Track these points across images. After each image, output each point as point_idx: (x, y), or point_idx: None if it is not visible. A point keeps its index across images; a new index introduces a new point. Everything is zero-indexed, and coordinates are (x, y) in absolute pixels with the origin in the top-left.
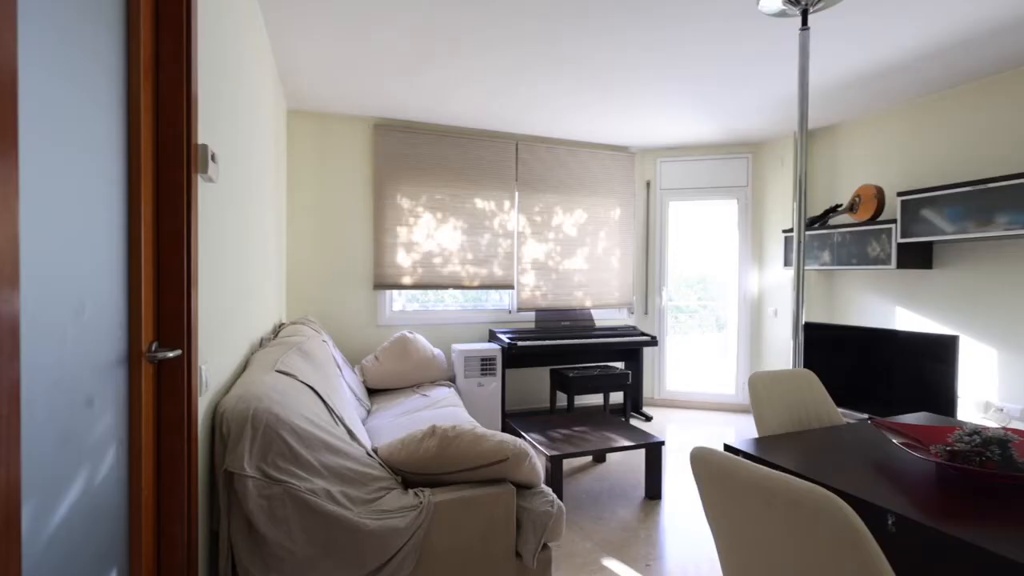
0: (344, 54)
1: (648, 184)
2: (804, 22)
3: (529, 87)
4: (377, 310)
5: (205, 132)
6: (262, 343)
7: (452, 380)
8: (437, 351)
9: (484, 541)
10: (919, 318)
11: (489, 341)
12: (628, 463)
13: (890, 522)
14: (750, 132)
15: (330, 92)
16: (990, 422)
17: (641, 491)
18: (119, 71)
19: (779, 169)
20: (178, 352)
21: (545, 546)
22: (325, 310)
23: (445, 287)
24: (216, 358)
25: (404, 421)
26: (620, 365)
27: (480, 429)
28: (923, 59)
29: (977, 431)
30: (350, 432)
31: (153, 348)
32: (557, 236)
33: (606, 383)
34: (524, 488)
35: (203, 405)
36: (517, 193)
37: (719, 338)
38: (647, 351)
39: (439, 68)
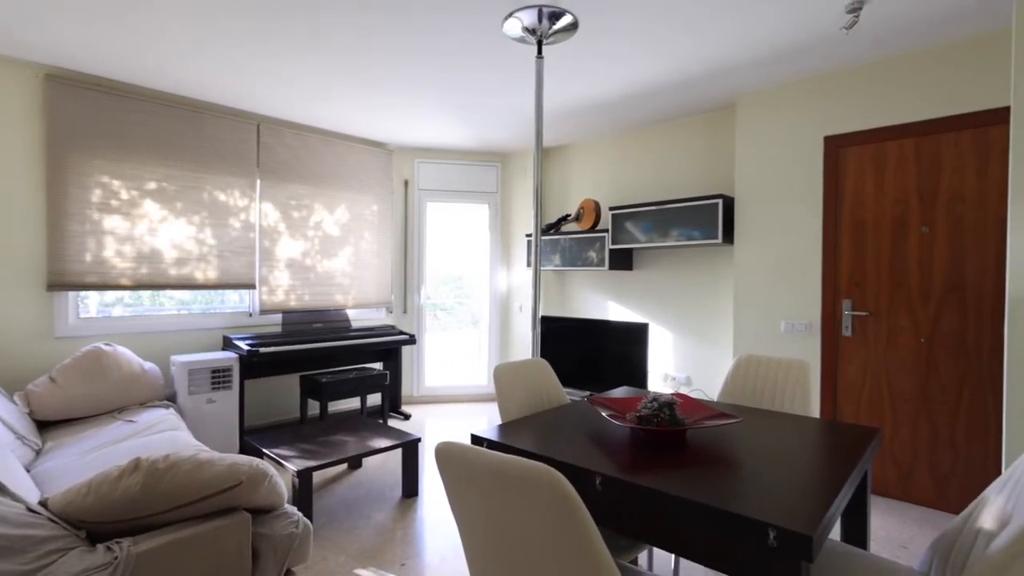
0: None
1: (406, 183)
2: (539, 51)
3: (271, 68)
4: (54, 317)
5: None
6: None
7: (172, 399)
8: (149, 365)
9: None
10: (624, 310)
11: (224, 349)
12: (386, 465)
13: (597, 482)
14: (499, 143)
15: None
16: (667, 389)
17: (399, 491)
18: None
19: (523, 179)
20: None
21: (289, 571)
22: None
23: (162, 287)
24: None
25: (97, 457)
26: (379, 365)
27: (206, 453)
28: (624, 101)
29: (656, 398)
30: None
31: None
32: (316, 233)
33: (363, 385)
34: (264, 512)
35: None
36: (259, 181)
37: (474, 333)
38: (406, 349)
39: (147, 15)
